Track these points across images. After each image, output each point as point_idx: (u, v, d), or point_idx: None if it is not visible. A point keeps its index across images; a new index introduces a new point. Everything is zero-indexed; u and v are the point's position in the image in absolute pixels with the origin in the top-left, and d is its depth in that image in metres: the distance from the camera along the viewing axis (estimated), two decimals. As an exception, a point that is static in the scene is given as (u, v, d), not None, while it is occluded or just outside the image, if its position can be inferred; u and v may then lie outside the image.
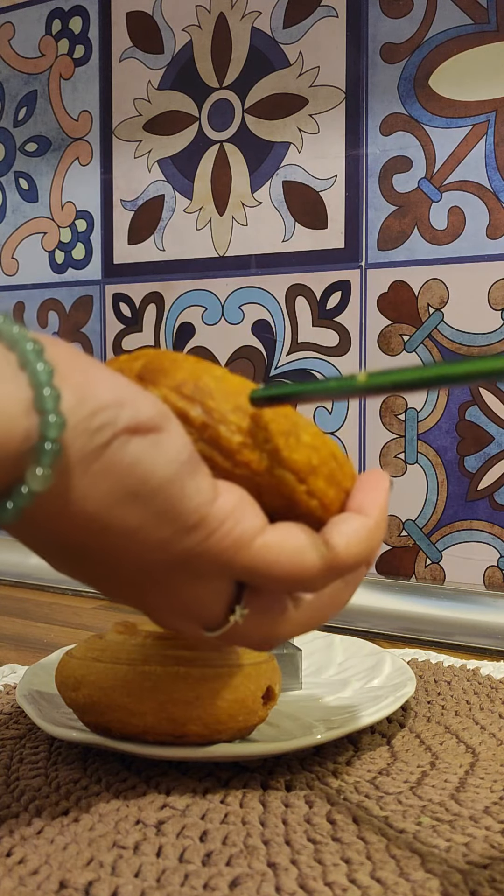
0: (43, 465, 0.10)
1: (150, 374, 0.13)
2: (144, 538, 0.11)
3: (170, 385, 0.12)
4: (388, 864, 0.14)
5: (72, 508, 0.11)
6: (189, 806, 0.16)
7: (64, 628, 0.29)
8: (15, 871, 0.14)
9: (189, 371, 0.13)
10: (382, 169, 0.33)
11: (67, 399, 0.11)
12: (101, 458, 0.11)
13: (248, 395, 0.12)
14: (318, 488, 0.13)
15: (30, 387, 0.10)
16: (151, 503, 0.11)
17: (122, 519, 0.11)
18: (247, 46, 0.36)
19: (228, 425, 0.12)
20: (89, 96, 0.40)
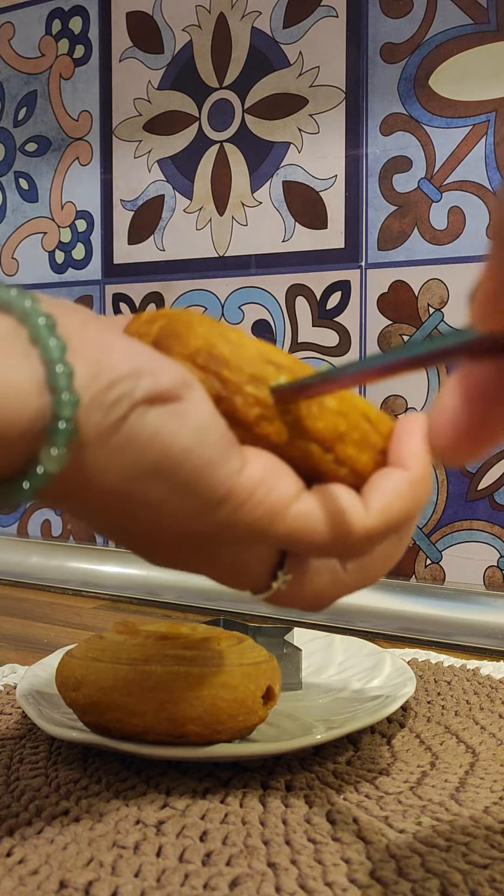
0: (57, 444, 0.10)
1: (164, 341, 0.12)
2: (172, 510, 0.11)
3: (183, 353, 0.12)
4: (387, 864, 0.14)
5: (92, 483, 0.11)
6: (189, 806, 0.16)
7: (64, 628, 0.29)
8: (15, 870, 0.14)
9: (203, 338, 0.12)
10: (382, 169, 0.33)
11: (81, 374, 0.10)
12: (120, 432, 0.10)
13: (270, 384, 0.11)
14: (347, 456, 0.12)
15: (42, 363, 0.10)
16: (174, 475, 0.11)
17: (145, 492, 0.11)
18: (247, 46, 0.36)
19: (245, 397, 0.11)
20: (89, 96, 0.40)
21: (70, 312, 0.11)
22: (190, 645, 0.17)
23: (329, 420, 0.12)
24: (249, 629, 0.22)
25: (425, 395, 0.33)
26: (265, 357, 0.12)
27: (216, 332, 0.12)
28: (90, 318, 0.11)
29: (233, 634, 0.18)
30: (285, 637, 0.22)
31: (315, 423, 0.12)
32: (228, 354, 0.12)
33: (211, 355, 0.12)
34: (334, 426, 0.12)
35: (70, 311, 0.11)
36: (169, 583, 0.33)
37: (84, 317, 0.11)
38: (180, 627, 0.18)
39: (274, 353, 0.12)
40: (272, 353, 0.12)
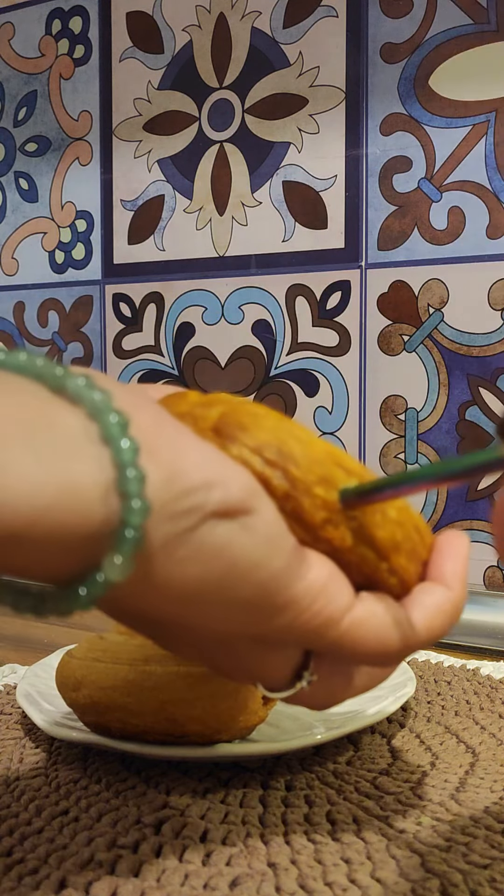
0: (123, 552, 0.09)
1: (227, 429, 0.11)
2: (229, 618, 0.11)
3: (250, 445, 0.11)
4: (388, 864, 0.14)
5: (153, 592, 0.10)
6: (189, 806, 0.16)
7: (64, 628, 0.29)
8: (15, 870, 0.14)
9: (272, 431, 0.11)
10: (382, 169, 0.33)
11: (154, 480, 0.10)
12: (188, 544, 0.10)
13: (338, 487, 0.11)
14: (399, 565, 0.12)
15: (113, 466, 0.09)
16: (240, 588, 0.11)
17: (204, 604, 0.11)
18: (247, 46, 0.36)
19: (313, 498, 0.11)
20: (89, 96, 0.40)
21: (141, 406, 0.10)
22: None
23: (389, 529, 0.12)
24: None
25: (424, 396, 0.33)
26: (334, 459, 0.12)
27: (284, 428, 0.12)
28: (160, 414, 0.10)
29: (233, 634, 0.18)
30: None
31: (377, 531, 0.12)
32: (298, 453, 0.11)
33: (280, 452, 0.11)
34: (392, 535, 0.12)
35: (141, 405, 0.10)
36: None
37: (155, 411, 0.10)
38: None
39: (342, 456, 0.12)
40: (340, 456, 0.12)
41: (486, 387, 0.32)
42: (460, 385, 0.33)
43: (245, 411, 0.12)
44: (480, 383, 0.32)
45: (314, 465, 0.11)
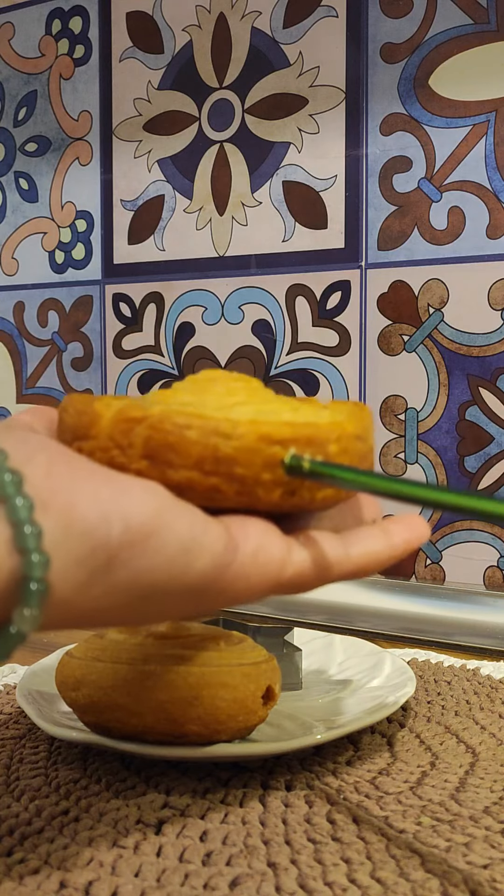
0: (30, 605, 0.10)
1: (159, 455, 0.12)
2: (172, 614, 0.12)
3: (187, 465, 0.12)
4: (388, 864, 0.14)
5: (83, 621, 0.11)
6: (189, 806, 0.16)
7: (64, 628, 0.30)
8: (15, 870, 0.14)
9: (200, 442, 0.11)
10: (382, 169, 0.33)
11: (51, 530, 0.10)
12: (102, 583, 0.10)
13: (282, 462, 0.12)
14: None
15: (9, 524, 0.10)
16: (170, 598, 0.11)
17: (143, 614, 0.11)
18: (247, 46, 0.36)
19: (264, 486, 0.12)
20: (89, 96, 0.40)
21: (33, 455, 0.11)
22: (190, 645, 0.17)
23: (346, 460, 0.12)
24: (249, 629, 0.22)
25: (424, 396, 0.33)
26: (267, 439, 0.12)
27: (208, 428, 0.12)
28: (54, 458, 0.11)
29: (232, 634, 0.18)
30: (285, 637, 0.22)
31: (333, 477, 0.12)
32: (233, 451, 0.12)
33: (217, 459, 0.12)
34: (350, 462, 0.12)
35: (32, 453, 0.11)
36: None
37: (47, 458, 0.11)
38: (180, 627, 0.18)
39: (271, 431, 0.12)
40: (270, 429, 0.12)
41: (486, 387, 0.32)
42: (460, 385, 0.33)
43: (166, 427, 0.12)
44: (480, 383, 0.32)
45: (253, 456, 0.12)
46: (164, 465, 0.12)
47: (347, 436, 0.12)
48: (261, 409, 0.12)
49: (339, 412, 0.13)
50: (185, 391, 0.13)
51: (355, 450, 0.12)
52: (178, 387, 0.13)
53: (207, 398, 0.13)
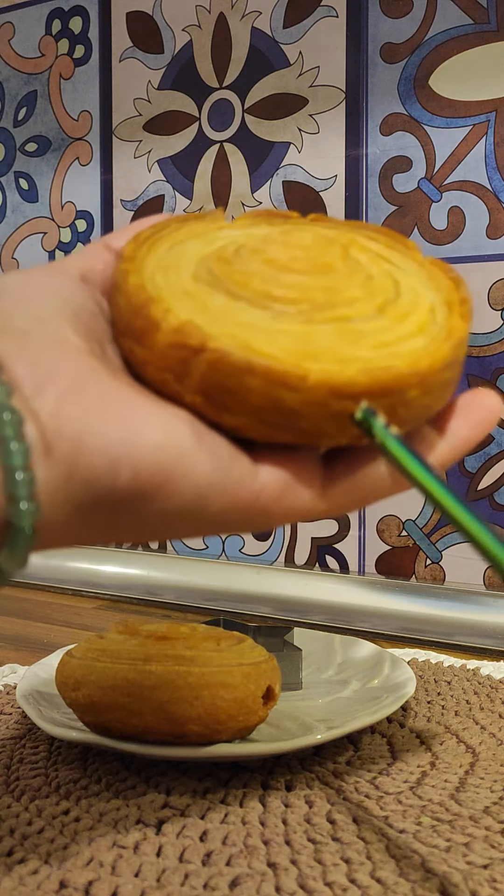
0: (15, 551, 0.09)
1: (216, 397, 0.10)
2: (172, 537, 0.11)
3: (246, 413, 0.10)
4: (388, 864, 0.14)
5: (70, 546, 0.10)
6: (189, 806, 0.16)
7: (64, 628, 0.29)
8: (15, 870, 0.14)
9: (262, 391, 0.10)
10: (382, 169, 0.33)
11: (51, 479, 0.09)
12: (103, 524, 0.10)
13: (353, 415, 0.10)
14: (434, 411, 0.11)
15: (2, 469, 0.09)
16: (170, 531, 0.11)
17: (137, 538, 0.11)
18: (247, 46, 0.36)
19: (330, 437, 0.11)
20: (89, 96, 0.40)
21: (43, 385, 0.09)
22: (190, 645, 0.17)
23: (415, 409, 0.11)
24: (249, 629, 0.22)
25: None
26: (337, 393, 0.10)
27: (273, 378, 0.10)
28: (67, 388, 0.10)
29: (233, 634, 0.18)
30: (285, 637, 0.22)
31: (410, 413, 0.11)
32: (299, 405, 0.10)
33: (280, 412, 0.10)
34: (417, 411, 0.11)
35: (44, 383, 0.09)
36: (169, 583, 0.33)
37: (59, 390, 0.09)
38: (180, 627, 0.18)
39: (343, 384, 0.10)
40: (342, 384, 0.10)
41: (487, 387, 0.32)
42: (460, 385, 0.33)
43: (228, 368, 0.10)
44: (480, 383, 0.32)
45: (320, 411, 0.10)
46: (220, 408, 0.10)
47: (433, 374, 0.11)
48: (341, 327, 0.10)
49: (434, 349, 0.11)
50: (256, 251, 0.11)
51: (439, 384, 0.11)
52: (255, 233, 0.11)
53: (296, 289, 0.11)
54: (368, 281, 0.12)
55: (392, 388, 0.11)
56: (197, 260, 0.12)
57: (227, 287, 0.11)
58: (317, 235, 0.12)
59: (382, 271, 0.12)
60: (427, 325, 0.11)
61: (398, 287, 0.12)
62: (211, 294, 0.11)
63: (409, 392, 0.11)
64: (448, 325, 0.11)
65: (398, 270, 0.12)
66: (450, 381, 0.12)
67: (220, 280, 0.11)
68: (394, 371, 0.11)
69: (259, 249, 0.12)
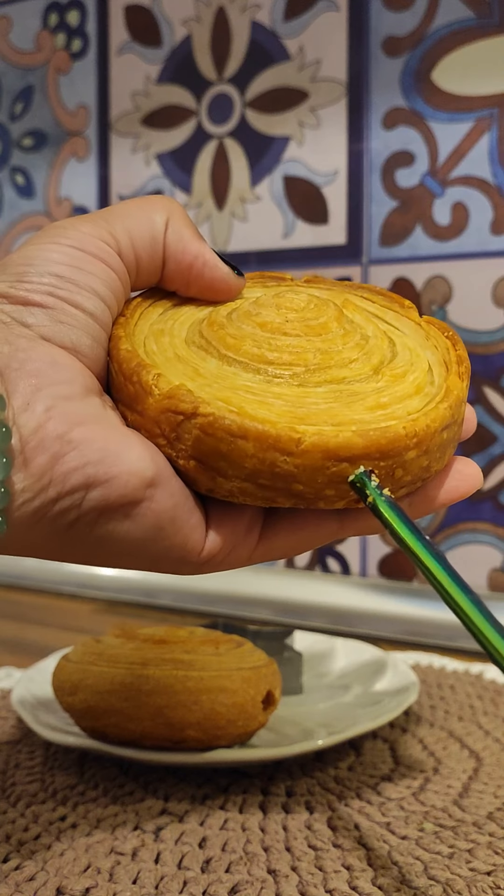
0: None
1: (210, 461, 0.10)
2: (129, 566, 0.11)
3: (241, 476, 0.10)
4: (389, 871, 0.14)
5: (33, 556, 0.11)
6: (188, 812, 0.16)
7: (60, 631, 0.29)
8: (11, 877, 0.13)
9: (256, 456, 0.10)
10: (385, 164, 0.33)
11: (24, 491, 0.10)
12: (66, 536, 0.10)
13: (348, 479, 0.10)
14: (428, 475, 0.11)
15: None
16: (132, 558, 0.11)
17: (100, 561, 0.11)
18: (247, 40, 0.35)
19: (327, 500, 0.11)
20: (87, 90, 0.40)
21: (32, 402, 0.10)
22: (188, 649, 0.17)
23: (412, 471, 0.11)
24: (249, 633, 0.22)
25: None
26: (333, 456, 0.10)
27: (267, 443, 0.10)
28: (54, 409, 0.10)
29: (232, 638, 0.18)
30: (285, 641, 0.22)
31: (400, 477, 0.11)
32: (294, 469, 0.10)
33: (275, 475, 0.10)
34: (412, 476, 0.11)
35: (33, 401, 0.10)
36: (167, 586, 0.33)
37: (46, 408, 0.10)
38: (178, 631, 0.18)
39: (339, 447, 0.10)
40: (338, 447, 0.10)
41: (491, 385, 0.32)
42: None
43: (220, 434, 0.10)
44: (484, 382, 0.32)
45: (316, 474, 0.10)
46: (215, 472, 0.11)
47: (430, 435, 0.11)
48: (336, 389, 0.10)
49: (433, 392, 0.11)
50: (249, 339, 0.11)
51: (438, 444, 0.11)
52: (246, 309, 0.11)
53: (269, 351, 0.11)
54: (364, 342, 0.12)
55: (389, 451, 0.11)
56: (190, 324, 0.12)
57: (219, 351, 0.11)
58: (310, 297, 0.12)
59: (378, 331, 0.12)
60: (424, 385, 0.11)
61: (394, 347, 0.12)
62: (203, 358, 0.11)
63: (407, 454, 0.11)
64: (446, 384, 0.11)
65: (394, 330, 0.12)
66: (449, 442, 0.11)
67: (212, 344, 0.11)
68: (391, 433, 0.11)
69: (252, 312, 0.12)
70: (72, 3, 0.40)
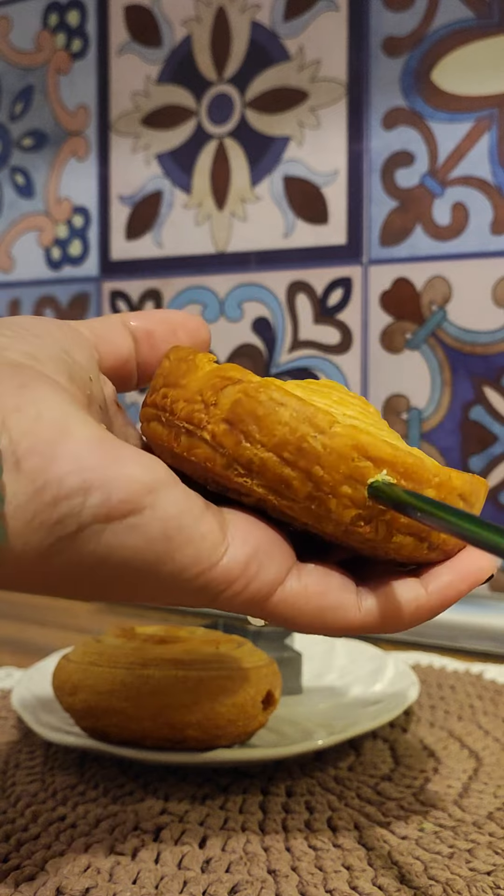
0: None
1: (240, 423, 0.10)
2: (144, 597, 0.10)
3: (267, 443, 0.10)
4: (390, 871, 0.14)
5: (40, 588, 0.10)
6: (188, 812, 0.16)
7: (60, 631, 0.29)
8: (11, 877, 0.13)
9: (290, 426, 0.10)
10: (385, 164, 0.33)
11: (18, 494, 0.09)
12: (66, 552, 0.10)
13: (367, 482, 0.10)
14: (441, 540, 0.11)
15: None
16: (140, 580, 0.10)
17: (107, 592, 0.10)
18: (247, 40, 0.35)
19: (340, 498, 0.10)
20: (87, 90, 0.40)
21: (24, 405, 0.09)
22: (189, 649, 0.17)
23: None
24: (249, 633, 0.22)
25: (428, 395, 0.33)
26: (362, 450, 0.10)
27: (305, 414, 0.10)
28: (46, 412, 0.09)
29: (232, 638, 0.18)
30: (286, 641, 0.22)
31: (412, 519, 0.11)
32: (321, 448, 0.10)
33: (300, 450, 0.10)
34: None
35: (24, 403, 0.09)
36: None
37: (38, 411, 0.09)
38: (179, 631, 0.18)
39: (369, 442, 0.10)
40: (367, 442, 0.10)
41: (491, 385, 0.32)
42: (464, 384, 0.32)
43: (261, 399, 0.10)
44: (484, 382, 0.32)
45: (339, 462, 0.10)
46: (243, 435, 0.10)
47: (450, 487, 0.11)
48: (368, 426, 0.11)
49: (454, 472, 0.11)
50: (297, 386, 0.12)
51: (452, 502, 0.11)
52: (291, 383, 0.12)
53: (317, 398, 0.11)
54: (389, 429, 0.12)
55: (412, 473, 0.11)
56: None
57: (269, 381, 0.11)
58: None
59: None
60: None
61: None
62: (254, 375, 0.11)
63: (427, 490, 0.11)
64: (469, 480, 0.12)
65: None
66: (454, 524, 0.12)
67: None
68: (418, 460, 0.11)
69: None
70: (72, 3, 0.40)
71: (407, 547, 0.11)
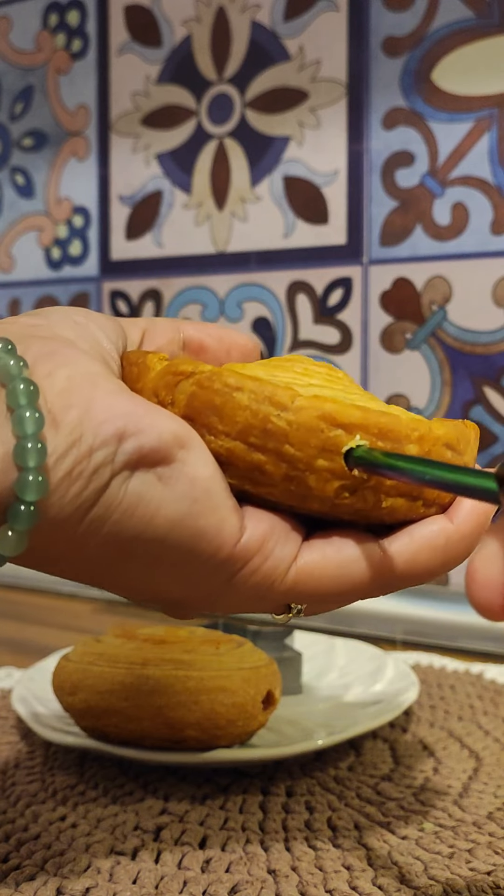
0: (15, 528, 0.09)
1: (200, 417, 0.10)
2: (162, 576, 0.10)
3: (231, 433, 0.10)
4: (390, 871, 0.14)
5: (71, 554, 0.10)
6: (188, 812, 0.16)
7: (60, 631, 0.29)
8: (11, 876, 0.13)
9: (249, 409, 0.10)
10: (385, 164, 0.33)
11: (59, 445, 0.09)
12: (99, 503, 0.10)
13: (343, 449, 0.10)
14: (434, 496, 0.10)
15: (13, 436, 0.09)
16: (162, 546, 0.10)
17: (130, 561, 0.10)
18: (247, 40, 0.35)
19: (318, 473, 0.10)
20: (87, 90, 0.40)
21: (54, 369, 0.10)
22: (188, 649, 0.17)
23: None
24: (249, 633, 0.22)
25: (428, 395, 0.33)
26: (329, 418, 0.10)
27: (265, 392, 0.10)
28: (76, 374, 0.10)
29: (232, 638, 0.18)
30: (285, 641, 0.22)
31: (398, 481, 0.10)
32: (286, 426, 0.10)
33: (266, 432, 0.10)
34: None
35: (54, 368, 0.10)
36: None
37: (69, 374, 0.10)
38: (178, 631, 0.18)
39: (336, 409, 0.10)
40: (335, 410, 0.10)
41: (491, 385, 0.32)
42: (464, 384, 0.32)
43: (214, 387, 0.10)
44: (484, 382, 0.32)
45: (309, 436, 0.10)
46: (205, 430, 0.10)
47: (433, 438, 0.10)
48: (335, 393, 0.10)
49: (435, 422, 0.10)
50: (258, 365, 0.11)
51: (441, 458, 0.10)
52: (252, 363, 0.11)
53: (279, 374, 0.11)
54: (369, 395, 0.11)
55: (388, 432, 0.10)
56: None
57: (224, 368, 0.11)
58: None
59: None
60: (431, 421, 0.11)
61: None
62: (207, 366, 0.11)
63: (408, 446, 0.10)
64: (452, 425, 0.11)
65: None
66: None
67: None
68: (393, 417, 0.10)
69: None
70: (72, 3, 0.40)
71: (400, 509, 0.10)
